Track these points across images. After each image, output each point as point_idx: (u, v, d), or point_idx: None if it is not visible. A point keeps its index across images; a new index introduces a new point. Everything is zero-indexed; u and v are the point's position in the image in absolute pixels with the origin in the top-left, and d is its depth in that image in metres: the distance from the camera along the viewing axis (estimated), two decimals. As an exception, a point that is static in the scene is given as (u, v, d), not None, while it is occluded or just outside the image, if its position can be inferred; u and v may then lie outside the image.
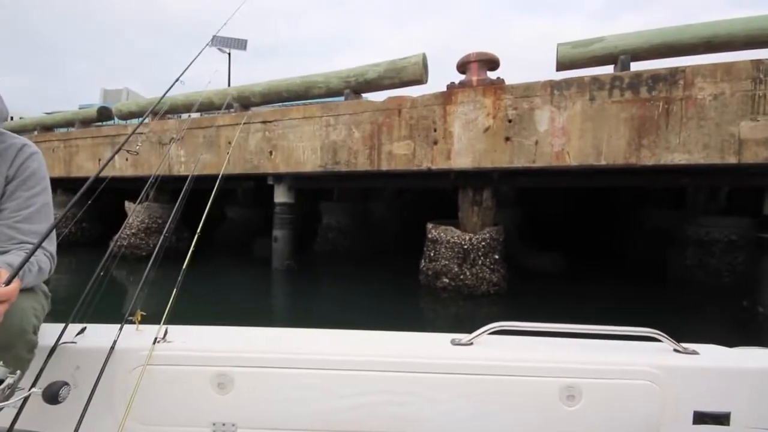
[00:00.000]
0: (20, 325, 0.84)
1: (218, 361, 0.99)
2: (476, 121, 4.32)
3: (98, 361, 0.94)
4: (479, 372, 0.98)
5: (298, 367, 0.98)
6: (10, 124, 10.87)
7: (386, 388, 0.97)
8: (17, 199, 0.95)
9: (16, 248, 0.91)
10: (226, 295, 5.68)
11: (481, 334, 1.04)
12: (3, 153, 0.96)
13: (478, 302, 4.83)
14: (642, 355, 1.02)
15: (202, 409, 1.00)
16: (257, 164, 5.74)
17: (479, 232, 4.91)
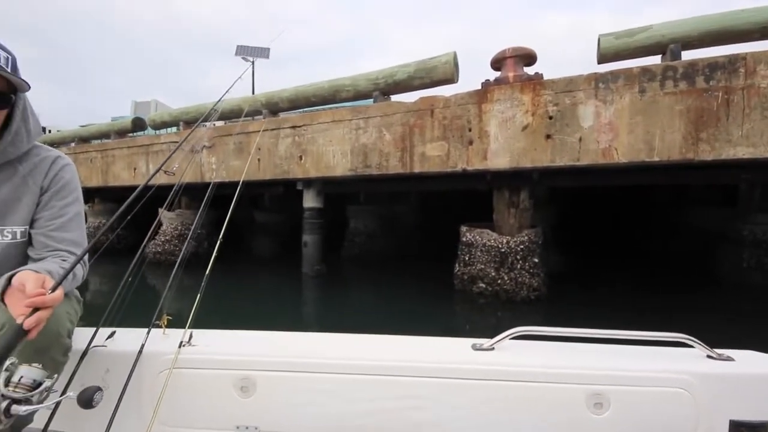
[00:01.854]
0: (56, 329, 0.86)
1: (241, 365, 1.00)
2: (514, 119, 4.13)
3: (127, 364, 0.97)
4: (501, 378, 0.95)
5: (320, 371, 0.98)
6: (51, 136, 11.41)
7: (407, 393, 0.96)
8: (51, 209, 0.99)
9: (51, 255, 0.95)
10: (258, 300, 5.69)
11: (502, 339, 1.01)
12: (38, 165, 1.00)
13: (518, 308, 4.62)
14: (673, 362, 0.97)
15: (226, 412, 1.01)
16: (287, 169, 5.73)
17: (517, 235, 4.69)
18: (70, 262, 0.93)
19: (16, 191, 0.97)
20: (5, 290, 0.80)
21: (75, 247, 1.00)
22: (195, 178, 6.50)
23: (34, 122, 1.00)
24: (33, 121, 1.00)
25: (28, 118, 0.98)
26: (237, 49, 18.19)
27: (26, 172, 0.99)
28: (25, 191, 0.98)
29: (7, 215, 0.96)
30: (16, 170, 0.98)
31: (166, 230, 7.58)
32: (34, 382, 0.65)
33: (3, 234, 0.96)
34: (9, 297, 0.79)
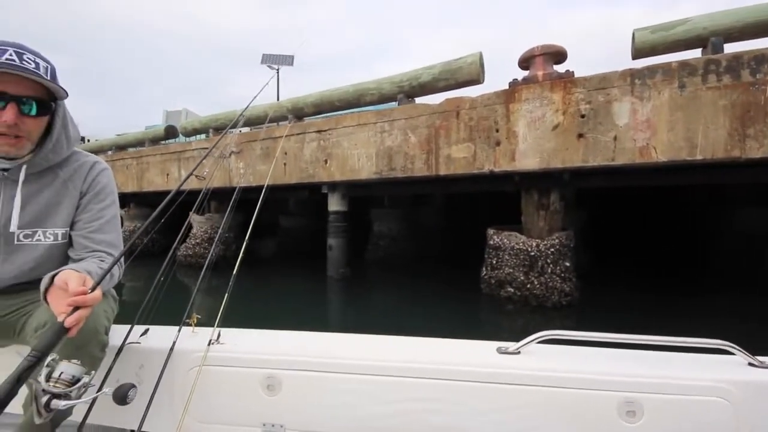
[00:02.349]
0: (94, 326, 0.89)
1: (267, 364, 1.01)
2: (543, 119, 4.02)
3: (159, 360, 1.00)
4: (528, 383, 0.92)
5: (344, 371, 0.99)
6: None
7: (431, 395, 0.95)
8: (90, 212, 1.04)
9: (90, 256, 0.99)
10: (284, 302, 5.76)
11: (529, 342, 0.99)
12: (77, 170, 1.05)
13: (549, 314, 4.46)
14: (712, 369, 0.92)
15: (253, 410, 1.02)
16: (312, 173, 5.80)
17: (547, 238, 4.55)
18: (107, 263, 0.96)
19: (57, 195, 1.02)
20: (48, 289, 0.83)
21: (112, 248, 1.04)
22: (223, 182, 6.68)
23: (73, 129, 1.04)
24: (72, 128, 1.04)
25: (68, 125, 1.01)
26: (263, 58, 18.68)
27: (66, 176, 1.03)
28: (66, 195, 1.02)
29: (49, 218, 1.01)
30: (57, 175, 1.02)
31: (196, 233, 7.82)
32: (73, 378, 0.67)
33: (45, 235, 1.00)
34: (51, 295, 0.82)
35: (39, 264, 1.00)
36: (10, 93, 0.86)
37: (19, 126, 0.89)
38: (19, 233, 0.97)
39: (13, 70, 0.83)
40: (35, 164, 0.98)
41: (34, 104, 0.90)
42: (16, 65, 0.84)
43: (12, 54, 0.85)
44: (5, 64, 0.83)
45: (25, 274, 1.00)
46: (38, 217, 0.99)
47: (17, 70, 0.84)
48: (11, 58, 0.84)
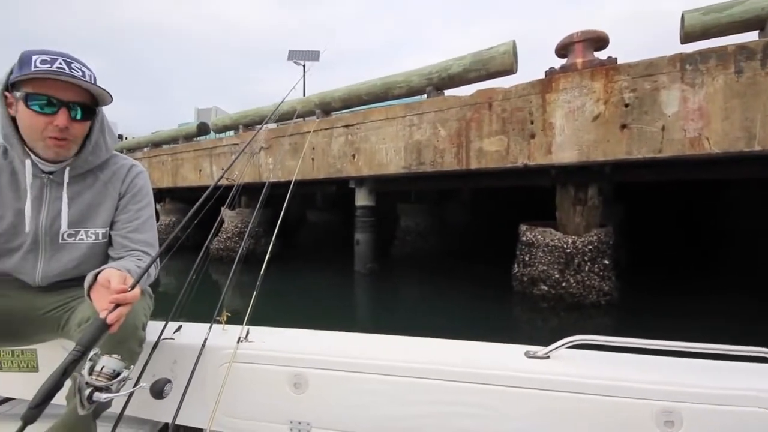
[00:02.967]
0: (133, 322, 0.92)
1: (294, 362, 1.03)
2: (583, 109, 3.81)
3: (192, 356, 1.02)
4: (557, 388, 0.89)
5: (370, 372, 0.99)
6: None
7: (456, 398, 0.94)
8: (128, 212, 1.09)
9: (128, 255, 1.03)
10: (312, 298, 5.81)
11: (559, 347, 0.95)
12: (116, 172, 1.10)
13: (586, 314, 4.27)
14: (755, 379, 0.88)
15: (280, 407, 1.04)
16: (340, 168, 5.79)
17: (585, 235, 4.35)
18: (144, 261, 1.01)
19: (98, 196, 1.06)
20: (92, 286, 0.87)
21: (148, 247, 1.09)
22: (253, 178, 6.79)
23: (110, 133, 1.08)
24: (109, 132, 1.08)
25: (105, 129, 1.06)
26: (289, 54, 18.91)
27: (106, 179, 1.08)
28: (106, 196, 1.07)
29: (91, 218, 1.05)
30: (98, 177, 1.07)
31: (227, 228, 8.02)
32: (113, 372, 0.70)
33: (87, 235, 1.05)
34: (95, 292, 0.85)
35: (81, 262, 1.05)
36: (61, 99, 0.91)
37: (68, 129, 0.93)
38: (63, 233, 1.02)
39: (64, 78, 0.89)
40: (77, 167, 1.02)
41: (80, 109, 0.95)
42: (66, 73, 0.89)
43: (62, 63, 0.90)
44: (56, 71, 0.88)
45: (69, 272, 1.04)
46: (81, 218, 1.04)
47: (69, 78, 0.89)
48: (61, 67, 0.89)
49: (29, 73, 0.87)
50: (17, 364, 1.18)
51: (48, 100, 0.90)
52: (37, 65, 0.88)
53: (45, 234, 1.01)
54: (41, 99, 0.90)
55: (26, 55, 0.90)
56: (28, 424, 0.62)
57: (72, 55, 0.93)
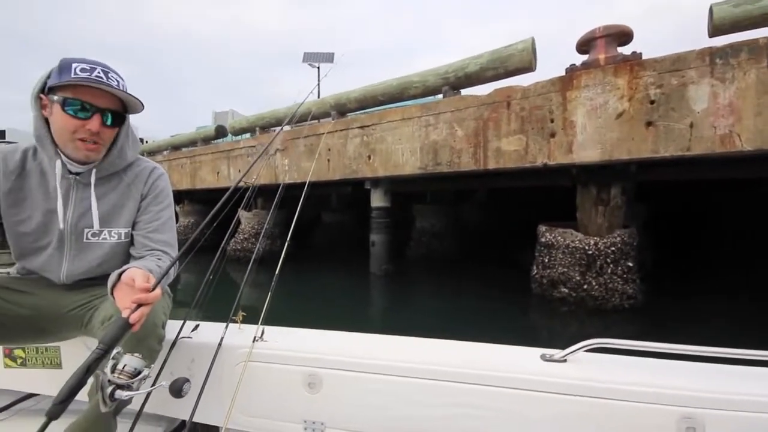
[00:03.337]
0: (153, 321, 0.93)
1: (308, 362, 1.03)
2: (606, 106, 3.70)
3: (209, 355, 1.04)
4: (574, 392, 0.87)
5: (384, 373, 0.99)
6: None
7: (470, 401, 0.93)
8: (149, 213, 1.12)
9: (149, 254, 1.06)
10: (328, 298, 5.81)
11: (576, 350, 0.93)
12: (138, 174, 1.14)
13: (609, 318, 4.14)
14: None
15: (295, 406, 1.04)
16: (356, 169, 5.78)
17: (607, 236, 4.22)
18: (164, 261, 1.05)
19: (121, 198, 1.10)
20: (115, 285, 0.89)
21: (168, 247, 1.12)
22: (269, 179, 6.85)
23: (133, 138, 1.13)
24: (133, 137, 1.13)
25: (130, 134, 1.11)
26: (304, 56, 19.07)
27: (130, 181, 1.12)
28: (129, 198, 1.11)
29: (114, 218, 1.09)
30: (121, 179, 1.11)
31: (244, 229, 8.12)
32: (135, 371, 0.71)
33: (111, 234, 1.08)
34: (118, 291, 0.88)
35: (104, 261, 1.08)
36: (96, 105, 0.96)
37: (99, 134, 0.98)
38: (88, 232, 1.05)
39: (101, 86, 0.94)
40: (102, 169, 1.06)
41: (110, 115, 0.99)
42: (104, 82, 0.95)
43: (100, 72, 0.95)
44: (95, 80, 0.93)
45: (92, 271, 1.08)
46: (105, 218, 1.07)
47: (105, 86, 0.94)
48: (99, 76, 0.95)
49: (70, 79, 0.92)
50: (41, 360, 1.21)
51: (83, 105, 0.95)
52: (77, 72, 0.92)
53: (71, 233, 1.04)
54: (77, 104, 0.94)
55: (66, 63, 0.94)
56: (53, 419, 0.64)
57: (109, 66, 0.99)
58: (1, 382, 1.27)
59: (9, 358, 1.23)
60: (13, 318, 1.00)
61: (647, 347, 0.86)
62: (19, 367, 1.23)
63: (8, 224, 1.03)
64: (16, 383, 1.28)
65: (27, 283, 1.07)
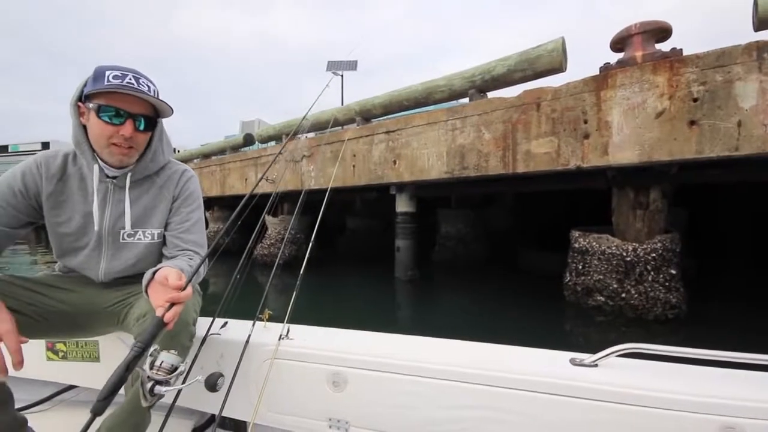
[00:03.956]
0: (185, 319, 0.96)
1: (333, 361, 1.04)
2: (644, 106, 3.53)
3: (236, 352, 1.06)
4: (606, 399, 0.84)
5: (408, 373, 0.98)
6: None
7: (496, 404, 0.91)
8: (180, 214, 1.16)
9: (181, 254, 1.10)
10: (354, 304, 5.80)
11: (608, 355, 0.90)
12: (170, 177, 1.18)
13: (649, 328, 3.92)
14: None
15: (319, 404, 1.05)
16: (381, 174, 5.78)
17: (647, 242, 4.00)
18: (194, 260, 1.08)
19: (154, 200, 1.14)
20: (149, 283, 0.93)
21: (198, 247, 1.15)
22: (295, 185, 6.95)
23: (167, 142, 1.17)
24: (166, 141, 1.17)
25: (163, 138, 1.14)
26: (328, 65, 19.38)
27: (162, 183, 1.16)
28: (161, 200, 1.15)
29: (148, 220, 1.13)
30: (154, 182, 1.15)
31: (271, 234, 8.26)
32: (171, 367, 0.75)
33: (145, 235, 1.12)
34: (152, 289, 0.91)
35: (139, 260, 1.12)
36: (128, 111, 0.98)
37: (132, 138, 1.01)
38: (124, 233, 1.10)
39: (133, 92, 0.96)
40: (137, 172, 1.10)
41: (143, 120, 1.02)
42: (134, 88, 0.97)
43: (131, 78, 0.97)
44: (126, 86, 0.96)
45: (128, 269, 1.12)
46: (139, 219, 1.11)
47: (136, 92, 0.97)
48: (131, 82, 0.97)
49: (102, 87, 0.95)
50: (81, 354, 1.27)
51: (117, 111, 0.97)
52: (109, 80, 0.95)
53: (108, 234, 1.09)
54: (111, 110, 0.97)
55: (100, 71, 0.96)
56: (98, 415, 0.66)
57: (140, 71, 1.00)
58: (44, 374, 1.32)
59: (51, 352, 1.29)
60: (55, 313, 1.03)
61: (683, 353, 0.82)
62: (61, 360, 1.29)
63: (50, 225, 1.07)
64: (58, 375, 1.33)
65: (68, 281, 1.12)
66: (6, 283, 0.99)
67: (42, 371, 1.31)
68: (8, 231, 1.00)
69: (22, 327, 0.86)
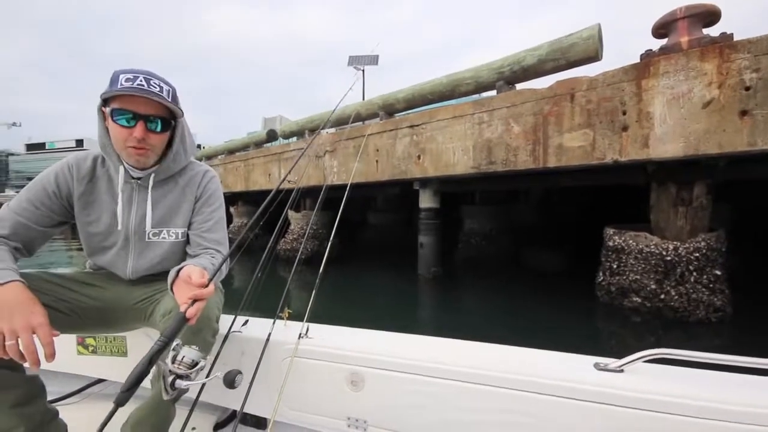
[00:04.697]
0: (208, 315, 0.98)
1: (351, 360, 1.04)
2: (690, 95, 3.30)
3: (257, 349, 1.08)
4: (632, 405, 0.81)
5: (428, 374, 0.97)
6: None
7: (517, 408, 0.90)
8: (202, 214, 1.18)
9: (204, 252, 1.12)
10: (377, 302, 5.76)
11: (634, 360, 0.87)
12: (193, 177, 1.20)
13: (691, 331, 3.70)
14: None
15: (338, 403, 1.06)
16: (405, 169, 5.69)
17: (689, 240, 3.77)
18: (217, 259, 1.10)
19: (177, 199, 1.17)
20: (174, 281, 0.95)
21: (219, 245, 1.17)
22: (318, 181, 6.95)
23: (190, 142, 1.18)
24: (189, 141, 1.17)
25: (185, 139, 1.15)
26: (349, 60, 19.39)
27: (184, 183, 1.18)
28: (184, 200, 1.17)
29: (171, 219, 1.15)
30: (177, 182, 1.17)
31: (293, 229, 8.32)
32: (192, 362, 0.76)
33: (169, 234, 1.15)
34: (177, 287, 0.93)
35: (164, 258, 1.15)
36: (140, 113, 0.99)
37: (146, 140, 1.02)
38: (150, 232, 1.13)
39: (142, 94, 0.97)
40: (160, 173, 1.13)
41: (159, 122, 1.03)
42: (145, 89, 0.97)
43: (142, 80, 0.97)
44: (137, 88, 0.96)
45: (154, 267, 1.15)
46: (163, 219, 1.14)
47: (146, 94, 0.97)
48: (141, 84, 0.97)
49: (115, 90, 0.96)
50: (109, 349, 1.32)
51: (128, 114, 0.99)
52: (122, 83, 0.96)
53: (134, 233, 1.12)
54: (123, 113, 0.99)
55: (115, 75, 0.98)
56: (120, 406, 0.68)
57: (153, 73, 1.00)
58: (75, 368, 1.37)
59: (82, 346, 1.34)
60: (85, 309, 1.08)
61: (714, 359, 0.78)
62: (91, 355, 1.33)
63: (80, 225, 1.11)
64: (88, 369, 1.38)
65: (98, 278, 1.16)
66: (39, 280, 1.03)
67: (73, 365, 1.36)
68: (44, 230, 1.05)
69: (54, 321, 0.88)
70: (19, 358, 0.80)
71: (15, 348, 0.79)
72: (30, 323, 0.81)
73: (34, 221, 1.02)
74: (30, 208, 1.02)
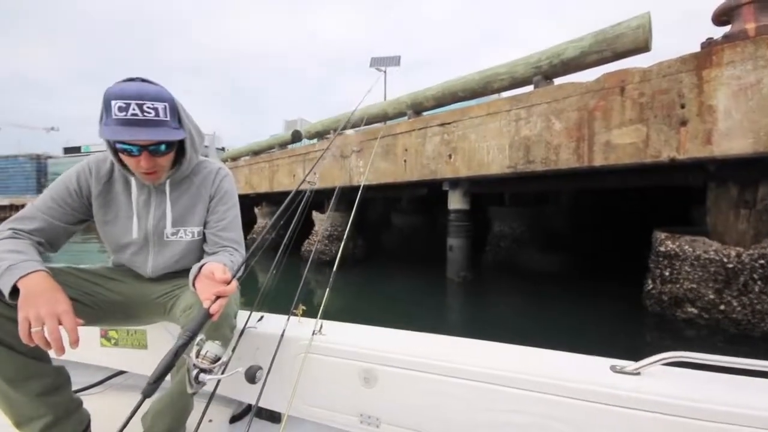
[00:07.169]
0: (227, 311, 0.99)
1: (365, 357, 1.04)
2: (759, 86, 2.99)
3: (272, 345, 1.10)
4: (649, 408, 0.78)
5: (440, 373, 0.97)
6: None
7: (531, 409, 0.88)
8: (217, 213, 1.20)
9: (221, 251, 1.15)
10: (407, 307, 5.58)
11: (652, 363, 0.83)
12: (206, 177, 1.21)
13: (755, 346, 3.37)
14: None
15: (351, 399, 1.07)
16: (434, 169, 5.50)
17: (754, 246, 3.43)
18: (235, 256, 1.13)
19: (193, 200, 1.19)
20: (196, 277, 0.97)
21: (235, 243, 1.19)
22: (344, 181, 6.84)
23: (199, 141, 1.17)
24: (199, 141, 1.16)
25: (195, 140, 1.14)
26: (371, 61, 19.36)
27: (199, 183, 1.20)
28: (199, 199, 1.19)
29: (188, 219, 1.18)
30: (192, 182, 1.19)
31: (317, 230, 8.25)
32: (215, 356, 0.77)
33: (186, 233, 1.17)
34: (199, 282, 0.96)
35: (182, 257, 1.18)
36: (140, 144, 0.98)
37: (155, 164, 1.03)
38: (167, 232, 1.16)
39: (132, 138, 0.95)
40: (175, 178, 1.15)
41: (162, 145, 1.01)
42: (140, 119, 0.93)
43: (135, 108, 0.93)
44: (131, 120, 0.93)
45: (172, 265, 1.19)
46: (180, 219, 1.17)
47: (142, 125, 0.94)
48: (135, 113, 0.93)
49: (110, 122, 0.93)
50: (131, 341, 1.36)
51: (131, 147, 0.98)
52: (115, 113, 0.92)
53: (153, 233, 1.15)
54: (125, 146, 0.98)
55: (107, 101, 0.93)
56: (147, 397, 0.70)
57: (146, 88, 0.95)
58: (98, 360, 1.43)
59: (105, 339, 1.39)
60: (108, 303, 1.12)
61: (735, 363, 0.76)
62: (113, 347, 1.39)
63: (98, 223, 1.15)
64: (110, 361, 1.43)
65: (120, 273, 1.20)
66: (65, 273, 1.07)
67: (96, 357, 1.42)
68: (66, 227, 1.09)
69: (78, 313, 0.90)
70: (45, 344, 0.81)
71: (40, 335, 0.81)
72: (55, 310, 0.83)
73: (57, 218, 1.07)
74: (53, 206, 1.06)
